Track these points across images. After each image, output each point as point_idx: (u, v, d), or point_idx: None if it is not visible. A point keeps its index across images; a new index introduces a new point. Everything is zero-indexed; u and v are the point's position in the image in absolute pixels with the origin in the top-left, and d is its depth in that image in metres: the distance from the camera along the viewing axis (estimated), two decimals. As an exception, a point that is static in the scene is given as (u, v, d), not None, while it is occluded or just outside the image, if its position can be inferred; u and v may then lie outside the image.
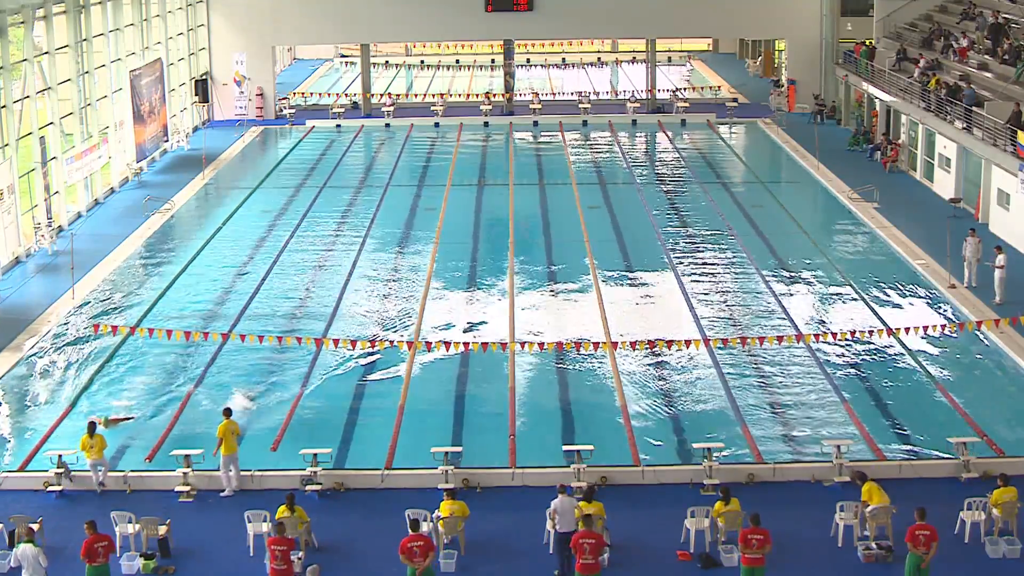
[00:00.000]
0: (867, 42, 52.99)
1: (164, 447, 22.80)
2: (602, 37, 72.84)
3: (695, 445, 22.29)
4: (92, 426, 21.44)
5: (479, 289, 32.60)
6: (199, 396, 25.38)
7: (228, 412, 21.59)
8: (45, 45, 38.44)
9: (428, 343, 26.81)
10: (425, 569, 17.36)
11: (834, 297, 31.38)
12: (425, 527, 19.01)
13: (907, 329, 26.27)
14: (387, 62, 76.96)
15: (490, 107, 57.15)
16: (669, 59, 77.05)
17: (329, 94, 64.17)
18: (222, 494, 21.09)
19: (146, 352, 27.84)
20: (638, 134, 55.05)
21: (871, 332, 26.31)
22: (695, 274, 33.15)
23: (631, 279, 33.19)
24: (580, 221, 38.51)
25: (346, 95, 63.76)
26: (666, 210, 40.40)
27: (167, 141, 49.59)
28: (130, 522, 19.36)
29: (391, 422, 23.86)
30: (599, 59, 79.10)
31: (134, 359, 27.60)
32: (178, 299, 31.78)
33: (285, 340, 27.59)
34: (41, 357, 27.71)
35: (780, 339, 26.39)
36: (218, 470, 21.28)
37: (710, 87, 65.05)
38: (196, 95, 55.17)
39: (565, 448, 22.17)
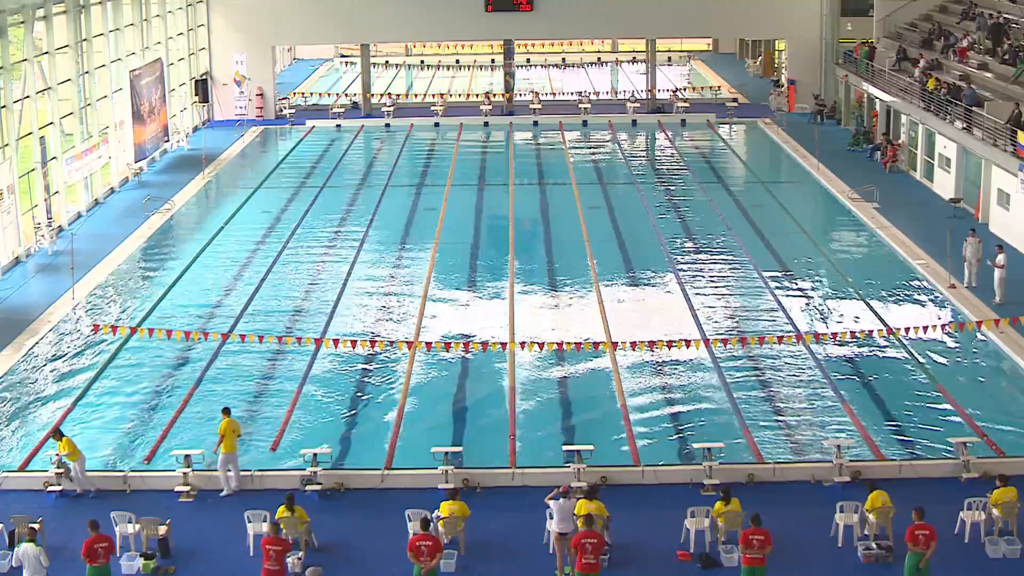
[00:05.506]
0: (867, 42, 52.99)
1: (163, 447, 22.81)
2: (602, 37, 72.85)
3: (695, 445, 22.30)
4: (59, 433, 21.39)
5: (479, 289, 32.60)
6: (199, 396, 25.35)
7: (227, 411, 21.57)
8: (45, 45, 38.42)
9: (428, 343, 26.80)
10: (431, 569, 17.37)
11: (834, 297, 31.39)
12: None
13: (907, 329, 26.27)
14: (387, 62, 76.91)
15: (490, 107, 57.16)
16: (669, 59, 77.04)
17: (329, 94, 64.19)
18: (222, 494, 21.08)
19: (146, 352, 27.82)
20: (638, 134, 55.06)
21: (871, 332, 26.31)
22: (695, 274, 33.15)
23: (631, 279, 33.19)
24: (580, 221, 38.52)
25: (346, 95, 63.76)
26: (666, 210, 40.41)
27: (167, 141, 49.59)
28: (130, 522, 19.36)
29: (391, 422, 23.89)
30: (599, 59, 79.08)
31: (134, 359, 27.57)
32: (178, 299, 31.76)
33: (285, 340, 27.61)
34: (41, 357, 27.71)
35: (780, 339, 26.42)
36: (217, 470, 21.29)
37: (710, 87, 65.04)
38: (196, 95, 55.16)
39: (565, 448, 22.17)
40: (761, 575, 17.57)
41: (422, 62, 77.90)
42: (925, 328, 26.35)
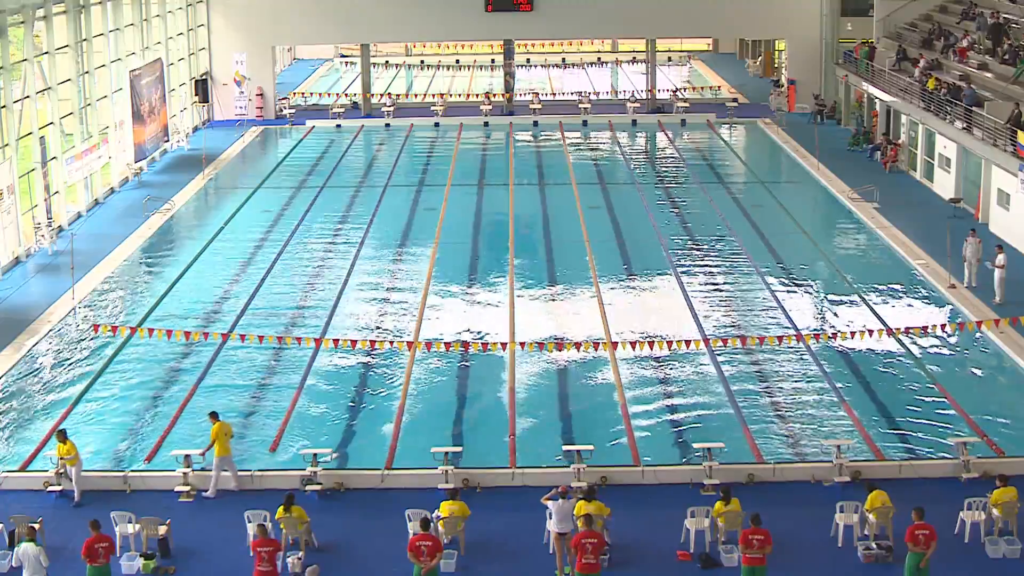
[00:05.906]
0: (867, 42, 52.99)
1: (163, 447, 22.81)
2: (602, 37, 72.87)
3: (695, 445, 22.29)
4: (63, 433, 21.33)
5: (479, 289, 32.59)
6: (199, 396, 25.33)
7: (215, 415, 21.49)
8: (45, 45, 38.42)
9: (428, 343, 26.80)
10: (431, 569, 17.37)
11: (834, 297, 31.38)
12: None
13: (907, 329, 26.26)
14: (387, 62, 76.93)
15: (490, 107, 57.16)
16: (669, 59, 77.05)
17: (329, 94, 64.19)
18: (204, 494, 21.03)
19: (146, 352, 27.82)
20: (638, 134, 55.06)
21: (871, 332, 26.31)
22: (695, 274, 33.14)
23: (631, 279, 33.18)
24: (580, 221, 38.51)
25: (346, 95, 63.76)
26: (666, 210, 40.40)
27: (167, 141, 49.59)
28: (130, 522, 19.36)
29: (391, 422, 23.89)
30: (599, 59, 79.09)
31: (134, 359, 27.57)
32: (178, 299, 31.75)
33: (285, 340, 27.61)
34: (41, 357, 27.71)
35: (780, 339, 26.42)
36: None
37: (710, 87, 65.06)
38: (196, 95, 55.16)
39: (565, 448, 22.17)
40: (761, 575, 17.58)
41: (422, 62, 77.91)
42: (925, 328, 26.35)
